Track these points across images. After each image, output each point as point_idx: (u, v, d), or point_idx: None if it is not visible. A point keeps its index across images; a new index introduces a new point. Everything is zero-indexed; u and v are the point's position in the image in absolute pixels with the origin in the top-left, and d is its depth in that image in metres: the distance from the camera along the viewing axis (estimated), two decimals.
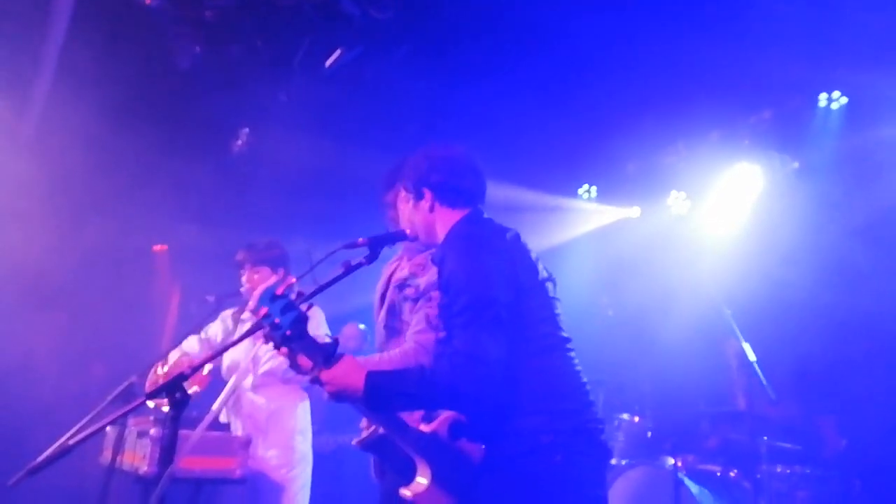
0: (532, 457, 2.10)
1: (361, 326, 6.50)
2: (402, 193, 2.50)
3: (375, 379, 2.09)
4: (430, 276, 2.95)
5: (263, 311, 2.12)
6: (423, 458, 2.30)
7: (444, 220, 2.41)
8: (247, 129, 6.14)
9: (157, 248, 7.02)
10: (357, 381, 2.08)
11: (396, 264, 3.09)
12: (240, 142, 6.08)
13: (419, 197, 2.43)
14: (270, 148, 6.04)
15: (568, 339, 2.27)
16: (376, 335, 3.17)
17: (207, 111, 5.58)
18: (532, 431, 2.11)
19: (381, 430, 2.59)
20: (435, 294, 2.92)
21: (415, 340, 2.77)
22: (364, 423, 3.22)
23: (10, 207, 5.04)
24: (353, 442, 3.36)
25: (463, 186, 2.42)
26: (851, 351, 4.70)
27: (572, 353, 2.25)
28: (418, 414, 2.46)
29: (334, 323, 5.87)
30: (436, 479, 2.26)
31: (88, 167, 5.17)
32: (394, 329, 3.01)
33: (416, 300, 2.96)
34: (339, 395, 2.11)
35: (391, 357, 2.75)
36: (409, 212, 2.47)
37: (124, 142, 5.23)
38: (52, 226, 5.25)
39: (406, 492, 2.27)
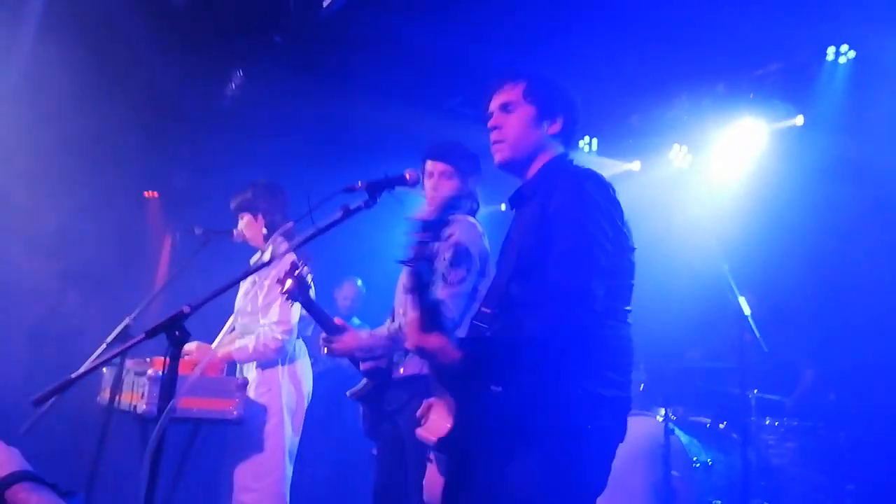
0: (569, 413, 2.00)
1: (359, 283, 6.42)
2: (523, 103, 2.27)
3: (471, 350, 2.01)
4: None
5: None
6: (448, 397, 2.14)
7: (550, 151, 2.28)
8: (241, 72, 5.97)
9: (148, 194, 6.91)
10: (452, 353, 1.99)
11: None
12: (234, 85, 5.92)
13: (548, 117, 2.26)
14: (264, 92, 5.89)
15: (630, 312, 2.18)
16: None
17: (200, 54, 5.42)
18: (584, 390, 2.01)
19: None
20: (447, 254, 3.05)
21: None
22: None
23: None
24: (348, 393, 3.39)
25: (578, 130, 2.35)
26: (845, 304, 4.74)
27: (630, 329, 2.17)
28: None
29: (333, 273, 5.81)
30: (459, 420, 2.08)
31: (78, 112, 5.04)
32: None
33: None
34: (435, 368, 2.08)
35: None
36: (522, 122, 2.26)
37: (113, 87, 5.09)
38: (44, 173, 5.15)
39: (428, 434, 2.15)
